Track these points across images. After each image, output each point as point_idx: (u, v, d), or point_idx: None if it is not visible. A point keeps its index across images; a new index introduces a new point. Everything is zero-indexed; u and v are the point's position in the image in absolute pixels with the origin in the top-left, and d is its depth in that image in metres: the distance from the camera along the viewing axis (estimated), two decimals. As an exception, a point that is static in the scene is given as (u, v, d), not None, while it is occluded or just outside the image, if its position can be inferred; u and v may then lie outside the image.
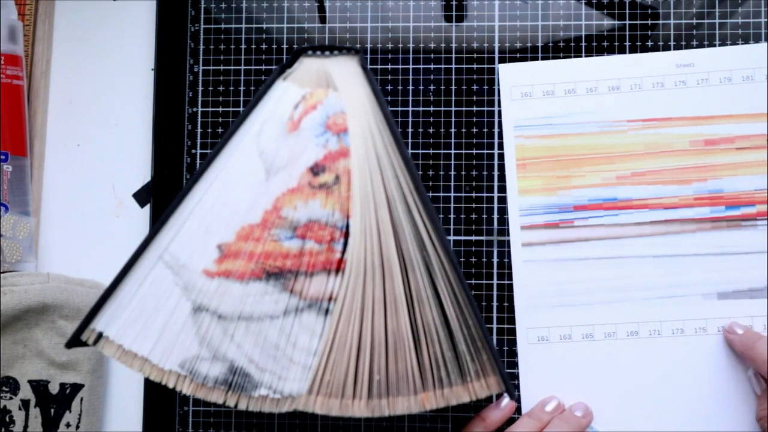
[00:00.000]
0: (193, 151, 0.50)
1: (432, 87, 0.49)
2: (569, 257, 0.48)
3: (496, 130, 0.49)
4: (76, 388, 0.48)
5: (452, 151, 0.49)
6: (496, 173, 0.49)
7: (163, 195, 0.50)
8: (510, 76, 0.49)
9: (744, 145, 0.48)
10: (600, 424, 0.47)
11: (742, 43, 0.49)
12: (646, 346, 0.47)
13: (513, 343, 0.48)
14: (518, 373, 0.48)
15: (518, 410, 0.47)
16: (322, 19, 0.50)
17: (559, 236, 0.48)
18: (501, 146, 0.49)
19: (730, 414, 0.47)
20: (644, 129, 0.48)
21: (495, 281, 0.49)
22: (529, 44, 0.49)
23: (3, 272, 0.48)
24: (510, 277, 0.48)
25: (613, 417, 0.47)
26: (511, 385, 0.38)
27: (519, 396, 0.47)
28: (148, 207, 0.51)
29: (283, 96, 0.42)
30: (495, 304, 0.48)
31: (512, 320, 0.48)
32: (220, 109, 0.50)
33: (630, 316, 0.48)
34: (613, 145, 0.48)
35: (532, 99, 0.49)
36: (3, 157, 0.49)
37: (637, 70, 0.49)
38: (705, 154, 0.48)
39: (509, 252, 0.48)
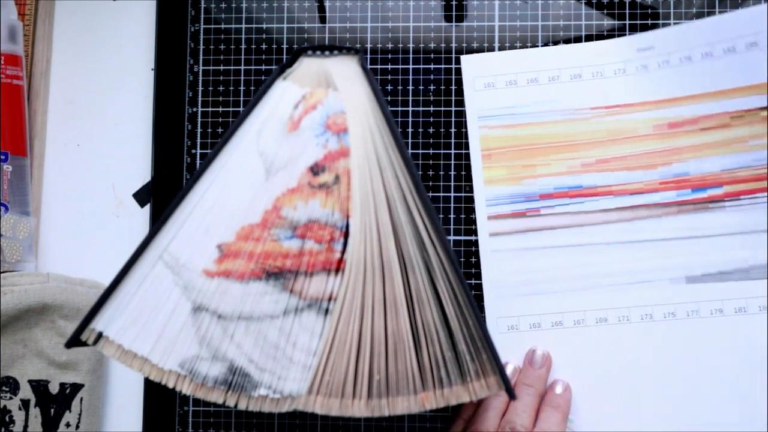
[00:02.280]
0: (193, 151, 0.50)
1: (432, 87, 0.49)
2: (536, 246, 0.48)
3: (496, 130, 0.49)
4: (76, 388, 0.48)
5: (452, 151, 0.49)
6: (496, 173, 0.49)
7: (163, 195, 0.50)
8: (473, 67, 0.49)
9: (708, 125, 0.47)
10: (571, 413, 0.47)
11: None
12: (616, 333, 0.47)
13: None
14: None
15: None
16: (322, 19, 0.50)
17: (525, 225, 0.48)
18: (501, 146, 0.49)
19: (700, 398, 0.46)
20: (608, 116, 0.48)
21: (495, 281, 0.49)
22: (529, 44, 0.49)
23: (3, 272, 0.48)
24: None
25: (585, 404, 0.47)
26: (511, 385, 0.38)
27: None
28: (148, 207, 0.51)
29: (283, 96, 0.42)
30: (495, 304, 0.48)
31: (512, 320, 0.48)
32: (220, 109, 0.50)
33: (598, 302, 0.47)
34: (577, 133, 0.48)
35: (494, 89, 0.49)
36: (3, 157, 0.49)
37: (598, 57, 0.48)
38: (669, 138, 0.47)
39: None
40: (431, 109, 0.49)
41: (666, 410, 0.47)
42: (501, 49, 0.49)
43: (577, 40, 0.49)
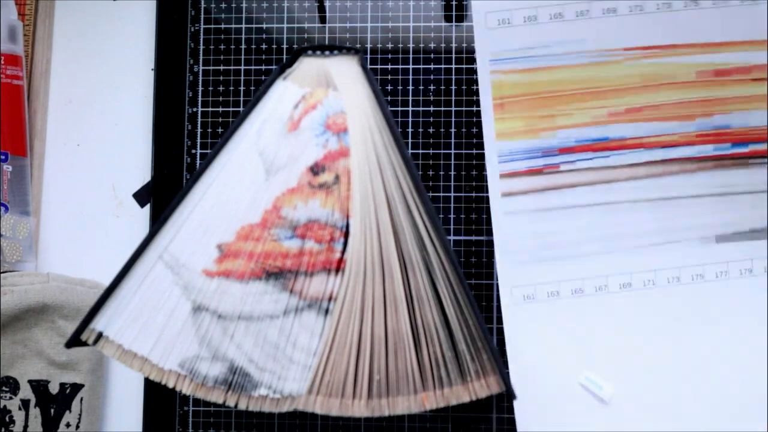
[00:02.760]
0: (193, 151, 0.50)
1: (432, 87, 0.49)
2: (554, 206, 0.43)
3: (496, 130, 0.49)
4: (76, 388, 0.48)
5: (452, 151, 0.49)
6: (496, 173, 0.49)
7: (163, 195, 0.50)
8: (484, 2, 0.42)
9: (761, 75, 0.42)
10: (600, 381, 0.44)
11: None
12: (641, 298, 0.43)
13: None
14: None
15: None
16: (322, 19, 0.50)
17: (542, 183, 0.43)
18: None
19: (731, 364, 0.43)
20: (644, 58, 0.42)
21: (495, 281, 0.49)
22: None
23: (3, 272, 0.48)
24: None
25: (608, 375, 0.44)
26: (511, 385, 0.38)
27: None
28: (148, 207, 0.51)
29: (283, 96, 0.42)
30: (495, 304, 0.48)
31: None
32: (220, 109, 0.50)
33: (622, 266, 0.43)
34: (606, 78, 0.42)
35: (510, 27, 0.42)
36: (3, 157, 0.49)
37: None
38: (714, 87, 0.42)
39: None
40: (431, 109, 0.49)
41: (695, 378, 0.43)
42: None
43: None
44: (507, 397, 0.43)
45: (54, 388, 0.48)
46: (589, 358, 0.44)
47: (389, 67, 0.50)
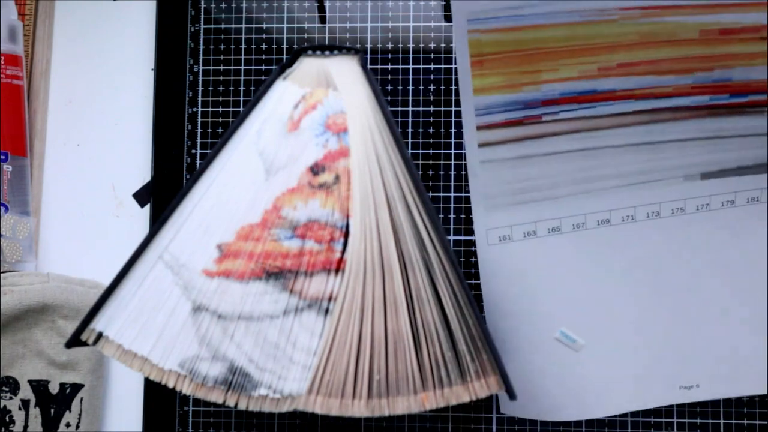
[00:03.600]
0: (193, 151, 0.50)
1: (432, 87, 0.49)
2: (534, 153, 0.41)
3: (496, 130, 0.49)
4: (76, 388, 0.48)
5: (452, 151, 0.49)
6: (496, 173, 0.49)
7: (163, 195, 0.50)
8: None
9: None
10: (572, 323, 0.43)
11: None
12: (619, 233, 0.42)
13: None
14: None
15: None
16: (322, 19, 0.50)
17: (522, 133, 0.41)
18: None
19: (711, 294, 0.43)
20: (642, 17, 0.38)
21: (495, 281, 0.49)
22: None
23: (3, 272, 0.48)
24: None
25: (585, 313, 0.43)
26: (511, 385, 0.38)
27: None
28: (148, 207, 0.51)
29: (283, 96, 0.42)
30: (495, 304, 0.48)
31: (512, 320, 0.48)
32: (220, 109, 0.50)
33: (601, 205, 0.42)
34: (599, 35, 0.39)
35: None
36: (3, 157, 0.49)
37: None
38: (718, 44, 0.39)
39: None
40: (431, 109, 0.49)
41: (674, 311, 0.43)
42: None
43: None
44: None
45: (54, 388, 0.48)
46: (566, 295, 0.43)
47: (389, 67, 0.50)
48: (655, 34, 0.39)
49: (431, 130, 0.49)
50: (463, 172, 0.49)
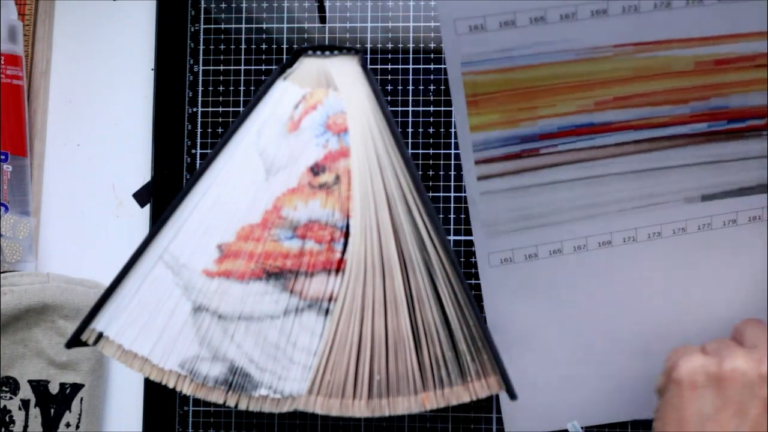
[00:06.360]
0: (193, 151, 0.50)
1: (432, 87, 0.49)
2: (533, 183, 0.42)
3: (496, 130, 0.49)
4: (76, 388, 0.48)
5: (452, 151, 0.49)
6: (496, 173, 0.49)
7: (163, 195, 0.50)
8: (452, 9, 0.38)
9: (764, 62, 0.39)
10: (573, 341, 0.44)
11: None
12: (620, 253, 0.42)
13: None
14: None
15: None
16: (322, 19, 0.50)
17: (521, 165, 0.41)
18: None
19: (710, 312, 0.43)
20: (637, 53, 0.39)
21: (495, 281, 0.49)
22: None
23: (3, 272, 0.48)
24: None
25: (586, 331, 0.43)
26: (512, 385, 0.38)
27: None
28: (148, 207, 0.51)
29: (283, 96, 0.42)
30: (495, 304, 0.48)
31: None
32: (220, 109, 0.50)
33: (602, 227, 0.42)
34: (594, 72, 0.39)
35: (485, 32, 0.38)
36: (3, 157, 0.49)
37: None
38: (713, 74, 0.39)
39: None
40: (431, 109, 0.49)
41: (674, 326, 0.43)
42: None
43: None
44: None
45: (54, 388, 0.48)
46: (566, 315, 0.44)
47: (389, 67, 0.50)
48: (650, 68, 0.39)
49: (431, 130, 0.49)
50: (463, 172, 0.49)
